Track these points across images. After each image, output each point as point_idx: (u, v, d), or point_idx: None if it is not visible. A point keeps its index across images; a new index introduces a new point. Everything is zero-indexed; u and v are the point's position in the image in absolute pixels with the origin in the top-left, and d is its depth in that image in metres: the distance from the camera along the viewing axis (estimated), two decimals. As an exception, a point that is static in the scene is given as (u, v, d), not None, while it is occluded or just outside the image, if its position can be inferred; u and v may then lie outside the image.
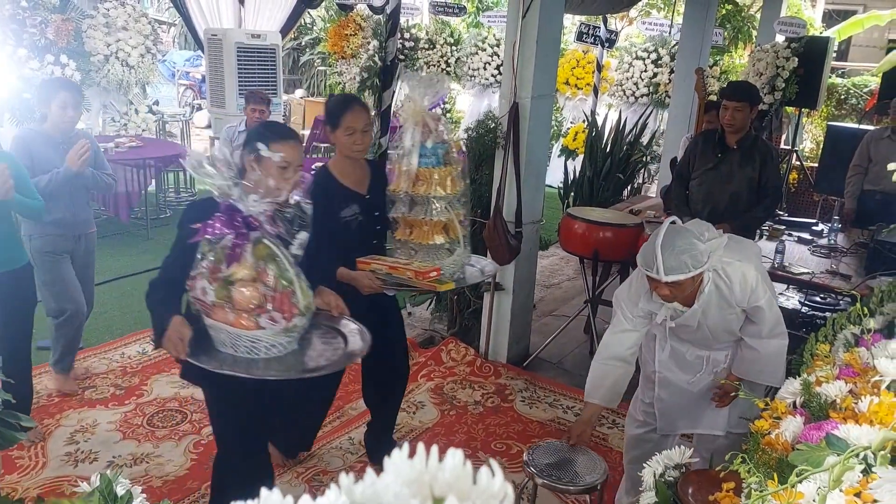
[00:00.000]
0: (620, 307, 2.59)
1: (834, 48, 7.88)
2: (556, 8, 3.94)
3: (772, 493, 1.09)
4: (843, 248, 4.20)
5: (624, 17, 10.96)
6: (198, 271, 1.97)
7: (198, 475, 3.11)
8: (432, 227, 2.65)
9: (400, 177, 2.63)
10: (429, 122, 2.62)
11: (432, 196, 2.61)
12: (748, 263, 2.41)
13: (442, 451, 0.38)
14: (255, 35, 7.54)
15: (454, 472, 0.35)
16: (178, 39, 15.78)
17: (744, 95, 3.80)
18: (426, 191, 2.61)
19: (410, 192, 2.63)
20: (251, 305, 1.94)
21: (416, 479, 0.35)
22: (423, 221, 2.64)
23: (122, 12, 6.56)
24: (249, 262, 1.94)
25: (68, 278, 3.52)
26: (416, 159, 2.59)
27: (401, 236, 2.74)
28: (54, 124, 3.36)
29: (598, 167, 6.01)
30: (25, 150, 3.28)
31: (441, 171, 2.63)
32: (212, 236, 1.93)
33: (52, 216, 3.32)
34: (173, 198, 7.71)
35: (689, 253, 2.25)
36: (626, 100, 9.15)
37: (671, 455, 1.73)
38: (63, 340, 3.60)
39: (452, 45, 9.58)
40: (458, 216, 2.70)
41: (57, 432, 3.35)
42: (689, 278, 2.27)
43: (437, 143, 2.63)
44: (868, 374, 1.45)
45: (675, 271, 2.24)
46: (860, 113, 9.43)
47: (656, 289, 2.35)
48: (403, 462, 0.36)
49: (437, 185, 2.61)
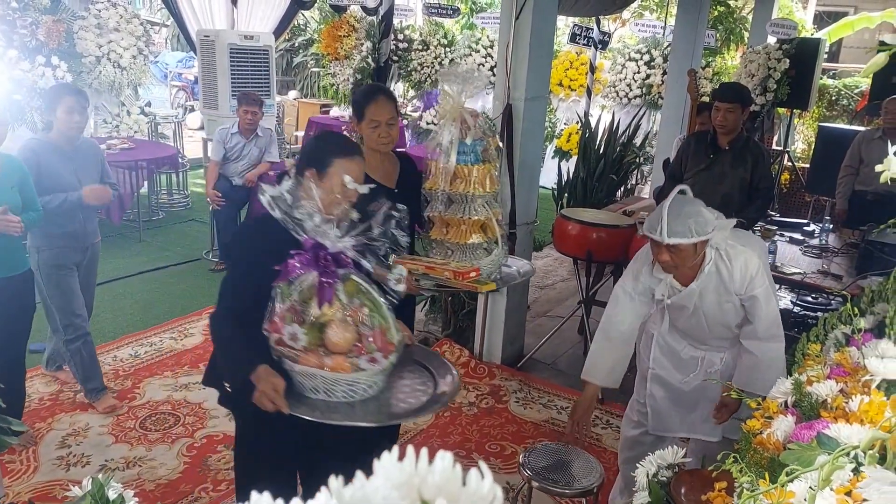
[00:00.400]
0: (622, 283, 2.62)
1: (825, 50, 7.93)
2: (549, 9, 3.95)
3: (763, 493, 1.10)
4: (835, 249, 4.22)
5: (617, 19, 10.99)
6: (278, 313, 1.81)
7: (191, 478, 3.10)
8: (470, 227, 2.57)
9: (437, 174, 2.55)
10: (467, 118, 2.53)
11: (471, 194, 2.52)
12: (752, 252, 2.41)
13: (436, 453, 0.38)
14: (248, 36, 7.53)
15: (444, 474, 0.35)
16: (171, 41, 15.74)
17: (735, 97, 3.82)
18: (465, 189, 2.53)
19: (448, 191, 2.54)
20: (349, 347, 1.81)
21: (406, 482, 0.35)
22: (461, 220, 2.56)
23: (113, 13, 6.54)
24: (342, 300, 1.82)
25: (75, 292, 3.44)
26: (455, 156, 2.51)
27: (437, 235, 2.65)
28: (61, 131, 3.29)
29: (591, 168, 6.01)
30: (33, 161, 3.21)
31: (480, 168, 2.55)
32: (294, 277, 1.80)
33: (62, 229, 3.29)
34: (166, 200, 7.68)
35: (695, 219, 2.27)
36: (620, 101, 9.18)
37: (664, 455, 1.73)
38: (78, 358, 3.50)
39: (446, 47, 9.59)
40: (495, 215, 2.62)
41: (49, 436, 3.34)
42: (690, 245, 2.28)
43: (475, 140, 2.55)
44: (859, 374, 1.46)
45: (678, 235, 2.24)
46: (851, 114, 9.48)
47: (658, 255, 2.35)
48: (393, 465, 0.36)
49: (476, 183, 2.52)
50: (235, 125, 5.63)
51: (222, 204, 5.54)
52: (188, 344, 4.37)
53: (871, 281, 3.16)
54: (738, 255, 2.38)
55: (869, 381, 1.39)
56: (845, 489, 1.00)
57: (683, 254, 2.30)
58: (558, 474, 2.35)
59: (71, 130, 3.29)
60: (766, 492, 1.09)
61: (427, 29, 9.70)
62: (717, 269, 2.38)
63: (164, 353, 4.25)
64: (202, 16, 8.12)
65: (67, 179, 3.31)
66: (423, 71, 9.37)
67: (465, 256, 2.59)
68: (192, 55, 10.40)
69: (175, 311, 4.84)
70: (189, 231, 6.83)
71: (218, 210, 5.60)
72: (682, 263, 2.34)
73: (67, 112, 3.24)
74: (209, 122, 7.68)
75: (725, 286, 2.39)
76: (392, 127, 2.60)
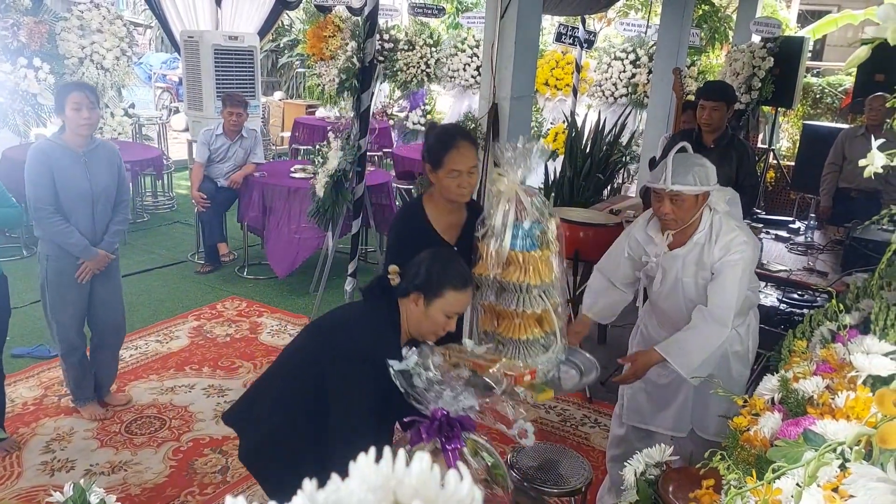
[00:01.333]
0: (618, 241, 2.72)
1: (809, 48, 7.98)
2: (534, 9, 3.95)
3: (750, 490, 1.10)
4: (820, 246, 4.24)
5: (602, 18, 11.02)
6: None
7: (177, 482, 3.07)
8: (525, 321, 2.24)
9: (487, 259, 2.23)
10: (522, 197, 2.20)
11: (526, 284, 2.19)
12: (743, 233, 2.44)
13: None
14: (233, 37, 7.49)
15: (421, 476, 0.34)
16: (155, 42, 15.63)
17: (720, 95, 3.84)
18: (519, 279, 2.19)
19: (500, 278, 2.22)
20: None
21: (383, 484, 0.34)
22: (514, 313, 2.23)
23: (96, 14, 6.47)
24: (471, 464, 1.71)
25: (78, 308, 3.35)
26: (509, 241, 2.18)
27: (486, 327, 2.36)
28: (72, 130, 3.14)
29: (578, 167, 6.02)
30: (45, 165, 3.10)
31: (537, 255, 2.20)
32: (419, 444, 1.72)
33: (71, 239, 3.21)
34: (150, 202, 7.62)
35: (700, 167, 2.35)
36: (606, 100, 9.20)
37: (651, 453, 1.73)
38: (73, 372, 3.45)
39: (432, 47, 9.57)
40: (554, 306, 2.27)
41: (32, 441, 3.29)
42: (692, 196, 2.34)
43: (533, 223, 2.21)
44: (844, 370, 1.46)
45: (682, 181, 2.31)
46: (835, 112, 9.55)
47: (660, 207, 2.40)
48: (369, 467, 0.35)
49: (533, 272, 2.19)
50: (220, 126, 5.60)
51: (207, 206, 5.50)
52: (174, 347, 4.33)
53: (856, 277, 3.17)
54: (728, 231, 2.42)
55: (855, 377, 1.39)
56: (832, 485, 0.99)
57: (685, 205, 2.36)
58: (546, 474, 2.35)
59: (81, 128, 3.14)
60: (753, 489, 1.08)
61: (413, 29, 9.68)
62: (705, 240, 2.43)
63: (149, 356, 4.21)
64: (186, 16, 8.07)
65: (80, 186, 3.18)
66: (409, 71, 9.34)
67: (518, 353, 2.26)
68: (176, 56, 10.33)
69: (160, 314, 4.80)
70: (174, 233, 6.78)
71: (203, 212, 5.56)
72: (682, 217, 2.40)
73: (75, 109, 3.09)
74: (194, 123, 7.64)
75: (704, 259, 2.43)
76: (473, 175, 2.38)
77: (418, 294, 1.93)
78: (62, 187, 3.14)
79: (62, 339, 3.37)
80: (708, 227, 2.42)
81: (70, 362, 3.43)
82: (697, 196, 2.36)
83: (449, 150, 2.34)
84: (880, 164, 1.04)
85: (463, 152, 2.34)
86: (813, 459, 0.87)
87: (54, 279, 3.27)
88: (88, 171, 3.21)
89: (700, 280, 2.46)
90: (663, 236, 2.50)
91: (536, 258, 2.20)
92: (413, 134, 9.60)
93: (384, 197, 5.71)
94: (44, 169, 3.10)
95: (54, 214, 3.14)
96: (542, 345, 2.27)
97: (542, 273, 2.21)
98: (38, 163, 3.11)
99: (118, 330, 3.59)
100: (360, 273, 4.61)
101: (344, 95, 8.81)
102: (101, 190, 3.26)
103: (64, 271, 3.27)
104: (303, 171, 5.61)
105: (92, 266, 3.29)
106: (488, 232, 2.23)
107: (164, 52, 14.61)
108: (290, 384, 2.05)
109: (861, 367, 1.39)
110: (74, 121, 3.11)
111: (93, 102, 3.15)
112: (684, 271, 2.47)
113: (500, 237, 2.19)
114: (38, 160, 3.11)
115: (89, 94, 3.15)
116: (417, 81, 9.55)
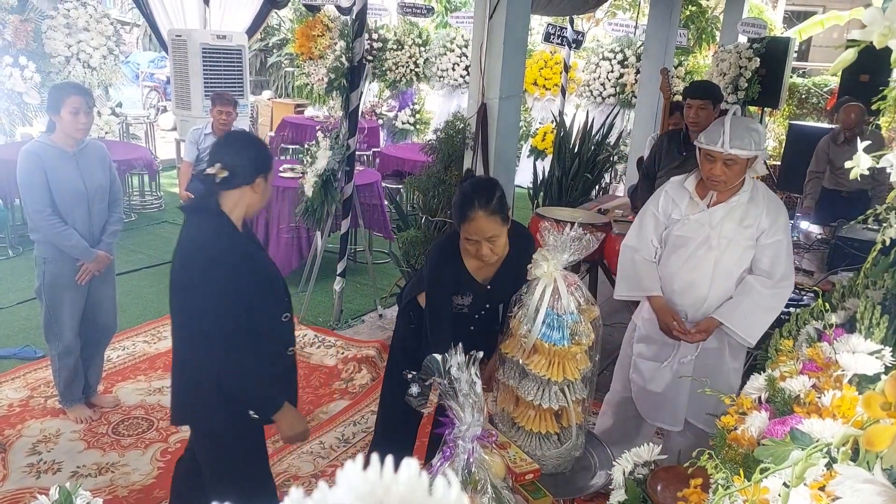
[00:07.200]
0: (648, 205, 2.72)
1: (795, 48, 8.04)
2: (523, 9, 3.95)
3: (738, 490, 1.10)
4: (806, 245, 4.27)
5: (590, 19, 11.05)
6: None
7: (165, 484, 3.04)
8: (541, 414, 2.13)
9: (515, 340, 2.12)
10: (561, 286, 2.07)
11: (547, 379, 2.06)
12: (782, 204, 2.56)
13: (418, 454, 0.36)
14: (221, 36, 7.45)
15: (409, 483, 0.34)
16: (142, 40, 15.52)
17: (706, 93, 3.86)
18: (541, 372, 2.05)
19: (524, 363, 2.09)
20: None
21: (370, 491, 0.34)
22: (531, 404, 2.10)
23: (83, 13, 6.42)
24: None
25: (73, 309, 3.32)
26: (538, 329, 2.04)
27: (503, 404, 2.24)
28: (66, 132, 3.09)
29: (566, 167, 6.03)
30: (38, 167, 3.05)
31: (565, 350, 2.04)
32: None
33: (70, 241, 3.18)
34: (138, 201, 7.58)
35: (755, 132, 2.40)
36: (594, 100, 9.23)
37: (640, 452, 1.73)
38: (65, 373, 3.42)
39: (421, 46, 9.57)
40: (576, 404, 2.12)
41: (18, 443, 3.26)
42: (745, 160, 2.41)
43: (566, 314, 2.08)
44: (831, 369, 1.47)
45: (740, 146, 2.37)
46: (821, 112, 9.63)
47: (710, 169, 2.45)
48: (357, 474, 0.34)
49: (556, 368, 2.06)
50: (209, 125, 5.56)
51: (195, 205, 5.47)
52: (161, 347, 4.30)
53: (841, 276, 3.20)
54: (772, 196, 2.53)
55: (841, 375, 1.41)
56: (819, 484, 1.00)
57: (736, 168, 2.42)
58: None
59: (77, 133, 3.10)
60: (741, 489, 1.09)
61: (402, 28, 9.67)
62: (751, 199, 2.49)
63: (136, 356, 4.18)
64: (174, 15, 8.02)
65: (75, 186, 3.15)
66: (398, 70, 9.34)
67: (530, 443, 2.14)
68: (164, 55, 10.28)
69: (148, 314, 4.77)
70: (162, 233, 6.74)
71: (191, 212, 5.53)
72: (731, 180, 2.45)
73: (73, 113, 3.03)
74: (182, 122, 7.59)
75: (752, 218, 2.48)
76: (495, 241, 2.27)
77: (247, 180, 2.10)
78: (57, 189, 3.10)
79: (59, 341, 3.34)
80: (751, 189, 2.50)
81: (65, 363, 3.40)
82: (748, 159, 2.43)
83: (466, 221, 2.24)
84: (866, 167, 1.05)
85: (479, 224, 2.22)
86: (800, 460, 0.88)
87: (52, 282, 3.24)
88: (81, 170, 3.17)
89: (740, 239, 2.51)
90: (706, 195, 2.55)
91: (564, 353, 2.05)
92: (402, 133, 9.59)
93: (373, 196, 5.71)
94: (37, 171, 3.05)
95: (52, 216, 3.10)
96: (556, 439, 2.15)
97: (566, 370, 2.06)
98: (30, 165, 3.05)
99: (109, 330, 3.58)
100: (350, 273, 4.59)
101: (333, 95, 8.80)
102: (95, 189, 3.23)
103: (62, 274, 3.23)
104: (291, 171, 5.60)
105: (92, 268, 3.27)
106: (521, 312, 2.10)
107: (152, 51, 14.52)
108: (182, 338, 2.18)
109: (847, 366, 1.40)
110: (71, 124, 3.06)
111: (90, 107, 3.13)
112: (720, 228, 2.52)
113: (531, 323, 2.06)
114: (31, 162, 3.05)
115: (87, 98, 3.11)
116: (406, 81, 9.55)
